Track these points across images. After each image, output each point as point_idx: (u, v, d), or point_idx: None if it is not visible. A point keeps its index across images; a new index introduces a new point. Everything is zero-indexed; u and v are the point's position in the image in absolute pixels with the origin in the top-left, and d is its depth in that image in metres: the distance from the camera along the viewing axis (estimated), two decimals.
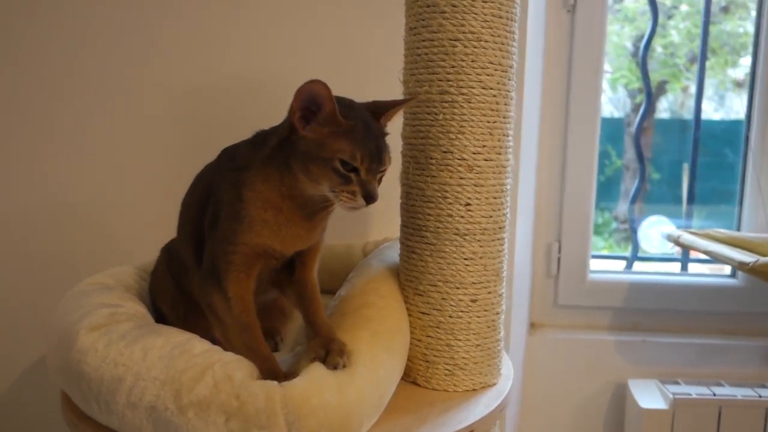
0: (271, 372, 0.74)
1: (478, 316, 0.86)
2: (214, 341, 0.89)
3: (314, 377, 0.70)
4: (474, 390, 0.87)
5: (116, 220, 1.28)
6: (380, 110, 0.78)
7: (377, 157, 0.74)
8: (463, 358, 0.87)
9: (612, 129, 1.71)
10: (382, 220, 0.91)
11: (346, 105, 0.75)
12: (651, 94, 1.63)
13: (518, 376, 1.45)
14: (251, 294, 0.78)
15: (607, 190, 1.73)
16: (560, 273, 1.56)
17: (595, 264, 1.62)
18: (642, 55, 1.61)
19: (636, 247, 1.64)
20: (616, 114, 1.75)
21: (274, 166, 0.76)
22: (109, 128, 1.26)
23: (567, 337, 1.53)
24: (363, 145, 0.73)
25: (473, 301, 0.86)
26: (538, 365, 1.53)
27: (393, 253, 0.96)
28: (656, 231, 1.60)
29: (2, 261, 1.30)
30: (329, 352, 0.74)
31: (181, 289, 0.90)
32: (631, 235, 1.66)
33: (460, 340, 0.86)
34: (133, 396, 0.69)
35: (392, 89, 0.90)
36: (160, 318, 0.90)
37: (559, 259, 1.55)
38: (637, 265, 1.66)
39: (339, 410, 0.68)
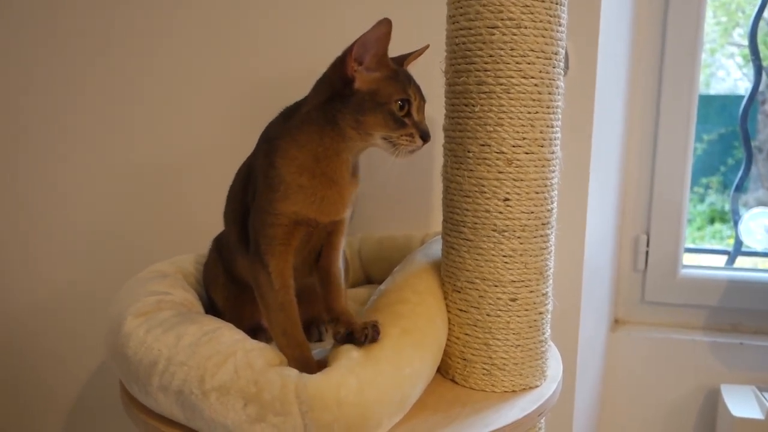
0: (302, 359, 0.76)
1: (518, 316, 0.83)
2: (258, 329, 0.93)
3: (333, 372, 0.70)
4: (513, 391, 0.84)
5: (183, 212, 1.36)
6: (400, 60, 0.82)
7: (421, 93, 0.78)
8: (502, 358, 0.84)
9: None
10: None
11: None
12: (761, 68, 1.46)
13: (596, 375, 1.38)
14: (291, 270, 0.79)
15: (734, 176, 1.59)
16: (648, 268, 1.45)
17: (692, 259, 1.51)
18: (752, 25, 1.45)
19: (739, 241, 1.49)
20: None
21: (312, 129, 0.77)
22: (187, 120, 1.34)
23: (655, 335, 1.44)
24: (413, 85, 0.77)
25: (513, 299, 0.82)
26: (621, 364, 1.45)
27: (439, 247, 0.94)
28: (759, 224, 1.45)
29: (88, 251, 1.43)
30: (353, 331, 0.75)
31: (230, 277, 0.93)
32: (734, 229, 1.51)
33: (498, 339, 0.83)
34: (165, 380, 0.73)
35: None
36: (212, 306, 0.95)
37: (647, 252, 1.45)
38: (741, 261, 1.51)
39: (356, 407, 0.68)
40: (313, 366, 0.75)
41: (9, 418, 1.55)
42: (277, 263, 0.78)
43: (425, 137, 0.76)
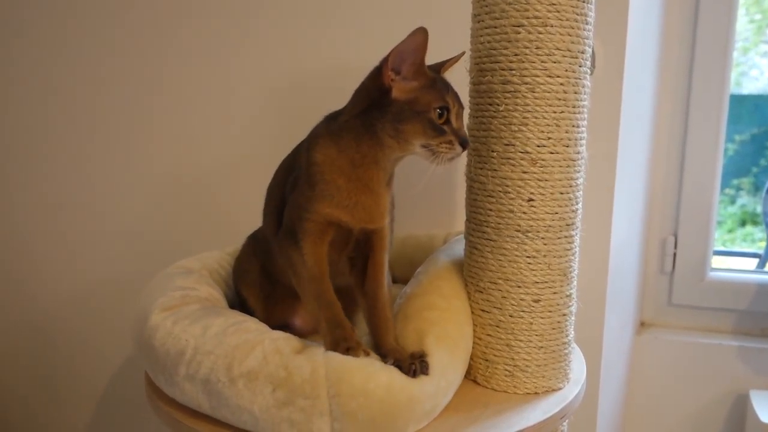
0: (334, 321, 0.77)
1: (542, 317, 0.82)
2: (290, 327, 0.94)
3: (365, 362, 0.71)
4: (535, 393, 0.84)
5: (211, 208, 1.38)
6: (437, 67, 0.81)
7: (460, 102, 0.78)
8: (524, 359, 0.83)
9: None
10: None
11: None
12: None
13: (621, 378, 1.37)
14: (325, 254, 0.80)
15: (766, 178, 1.55)
16: (676, 270, 1.43)
17: (721, 261, 1.48)
18: None
19: None
20: None
21: (350, 136, 0.78)
22: (214, 122, 1.35)
23: (682, 339, 1.41)
24: (448, 91, 0.77)
25: (536, 301, 0.82)
26: (647, 368, 1.43)
27: (461, 247, 0.94)
28: None
29: (111, 247, 1.46)
30: (400, 366, 0.73)
31: (264, 273, 0.94)
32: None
33: (521, 340, 0.83)
34: (191, 369, 0.74)
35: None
36: (242, 301, 0.95)
37: (675, 254, 1.43)
38: None
39: (382, 404, 0.68)
40: (346, 328, 0.76)
41: (42, 405, 1.58)
42: (311, 248, 0.79)
43: (464, 144, 0.76)
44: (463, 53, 0.84)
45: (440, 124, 0.75)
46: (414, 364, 0.73)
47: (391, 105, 0.75)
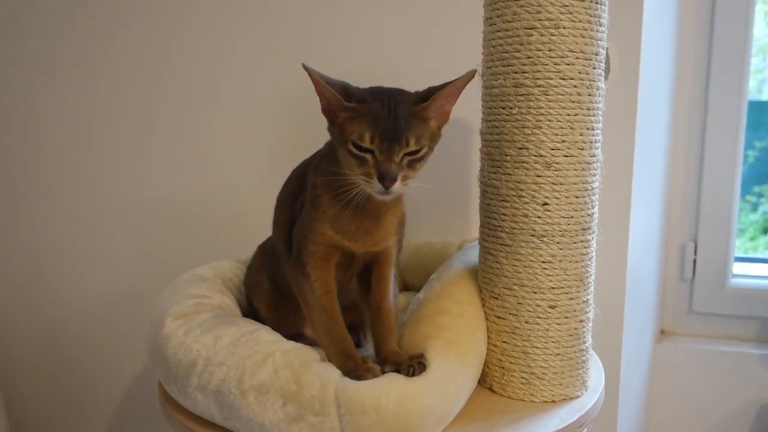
0: (344, 353, 0.76)
1: (558, 323, 0.81)
2: (300, 336, 0.93)
3: (377, 381, 0.71)
4: (553, 402, 0.82)
5: (223, 217, 1.38)
6: (430, 94, 0.75)
7: (393, 136, 0.72)
8: (541, 366, 0.81)
9: None
10: None
11: (368, 90, 0.75)
12: None
13: (641, 387, 1.34)
14: (333, 278, 0.81)
15: None
16: (696, 276, 1.41)
17: (743, 268, 1.45)
18: None
19: None
20: None
21: (334, 157, 0.78)
22: (215, 126, 1.35)
23: (703, 347, 1.38)
24: (375, 125, 0.72)
25: (552, 307, 0.80)
26: (667, 376, 1.40)
27: (476, 253, 0.93)
28: None
29: (125, 257, 1.46)
30: (399, 369, 0.74)
31: (273, 285, 0.94)
32: None
33: (537, 347, 0.81)
34: (203, 380, 0.74)
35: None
36: (253, 311, 0.95)
37: (695, 261, 1.40)
38: None
39: (396, 418, 0.68)
40: (357, 359, 0.75)
41: (58, 416, 1.59)
42: (319, 274, 0.79)
43: (381, 179, 0.71)
44: (474, 71, 0.78)
45: (361, 155, 0.72)
46: (412, 366, 0.73)
47: (331, 131, 0.77)
